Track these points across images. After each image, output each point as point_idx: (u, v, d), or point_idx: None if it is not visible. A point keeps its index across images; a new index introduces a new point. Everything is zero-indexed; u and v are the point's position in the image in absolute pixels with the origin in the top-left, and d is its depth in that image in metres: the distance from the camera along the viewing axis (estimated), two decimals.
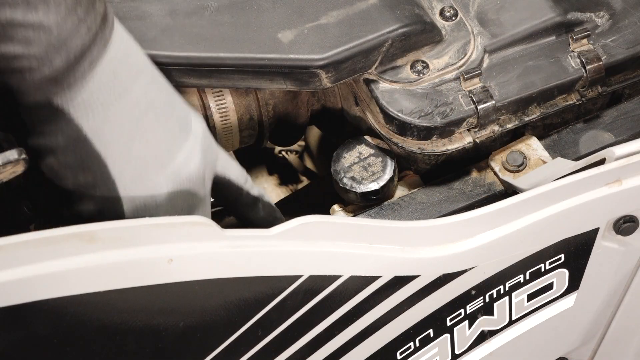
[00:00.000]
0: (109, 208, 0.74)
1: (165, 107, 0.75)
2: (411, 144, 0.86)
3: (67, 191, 0.75)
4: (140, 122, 0.73)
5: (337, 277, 0.74)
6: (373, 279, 0.75)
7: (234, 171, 0.82)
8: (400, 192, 0.90)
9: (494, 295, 0.84)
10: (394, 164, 0.88)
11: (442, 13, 0.89)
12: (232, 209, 0.85)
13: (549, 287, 0.86)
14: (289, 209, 0.94)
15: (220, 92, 0.91)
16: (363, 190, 0.87)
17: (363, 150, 0.89)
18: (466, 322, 0.84)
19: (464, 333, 0.85)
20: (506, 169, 0.87)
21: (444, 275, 0.79)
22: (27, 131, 0.73)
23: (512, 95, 0.86)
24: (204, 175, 0.77)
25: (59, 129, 0.71)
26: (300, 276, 0.72)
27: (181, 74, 0.83)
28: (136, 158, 0.73)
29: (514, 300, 0.85)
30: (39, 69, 0.69)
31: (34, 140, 0.73)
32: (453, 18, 0.89)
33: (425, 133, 0.84)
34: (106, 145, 0.72)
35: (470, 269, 0.79)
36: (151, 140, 0.73)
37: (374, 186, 0.87)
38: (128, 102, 0.73)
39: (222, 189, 0.82)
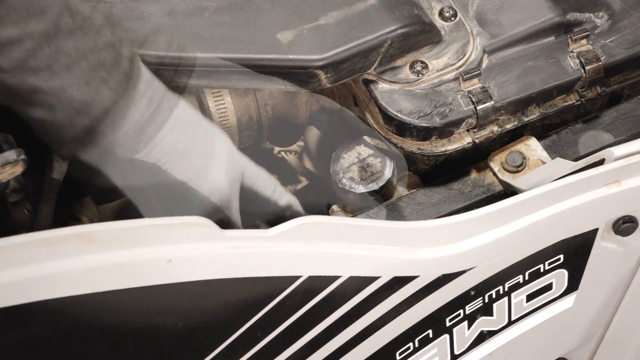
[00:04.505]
0: None
1: (187, 148, 0.77)
2: (410, 145, 0.86)
3: None
4: (166, 166, 0.75)
5: (336, 278, 0.74)
6: (372, 279, 0.75)
7: (262, 182, 0.84)
8: (400, 192, 0.90)
9: (493, 296, 0.83)
10: (393, 164, 0.88)
11: (441, 13, 0.89)
12: (260, 217, 0.87)
13: (548, 287, 0.86)
14: None
15: (220, 93, 0.91)
16: (362, 191, 0.87)
17: (362, 150, 0.89)
18: (465, 323, 0.84)
19: (463, 333, 0.85)
20: (505, 170, 0.87)
21: (443, 275, 0.79)
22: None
23: (511, 95, 0.86)
24: (229, 195, 0.80)
25: (91, 176, 0.74)
26: (299, 277, 0.72)
27: (180, 74, 0.83)
28: (162, 200, 0.76)
29: (513, 301, 0.85)
30: (64, 131, 0.70)
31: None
32: (452, 18, 0.89)
33: (425, 133, 0.84)
34: (133, 192, 0.76)
35: (470, 269, 0.79)
36: (177, 181, 0.76)
37: (373, 187, 0.86)
38: (153, 152, 0.75)
39: (250, 199, 0.84)
